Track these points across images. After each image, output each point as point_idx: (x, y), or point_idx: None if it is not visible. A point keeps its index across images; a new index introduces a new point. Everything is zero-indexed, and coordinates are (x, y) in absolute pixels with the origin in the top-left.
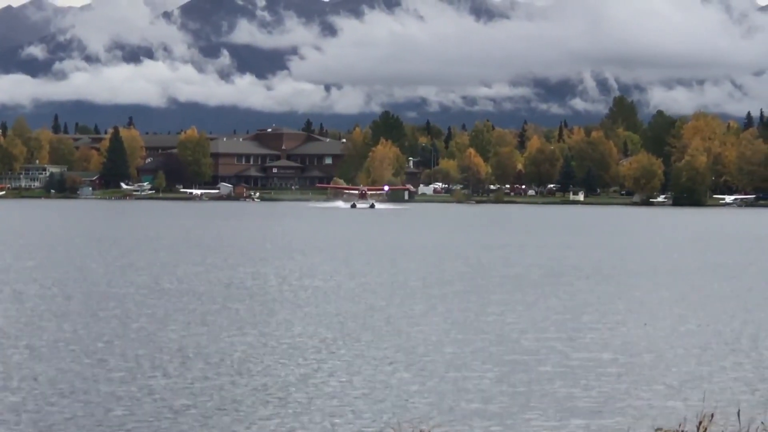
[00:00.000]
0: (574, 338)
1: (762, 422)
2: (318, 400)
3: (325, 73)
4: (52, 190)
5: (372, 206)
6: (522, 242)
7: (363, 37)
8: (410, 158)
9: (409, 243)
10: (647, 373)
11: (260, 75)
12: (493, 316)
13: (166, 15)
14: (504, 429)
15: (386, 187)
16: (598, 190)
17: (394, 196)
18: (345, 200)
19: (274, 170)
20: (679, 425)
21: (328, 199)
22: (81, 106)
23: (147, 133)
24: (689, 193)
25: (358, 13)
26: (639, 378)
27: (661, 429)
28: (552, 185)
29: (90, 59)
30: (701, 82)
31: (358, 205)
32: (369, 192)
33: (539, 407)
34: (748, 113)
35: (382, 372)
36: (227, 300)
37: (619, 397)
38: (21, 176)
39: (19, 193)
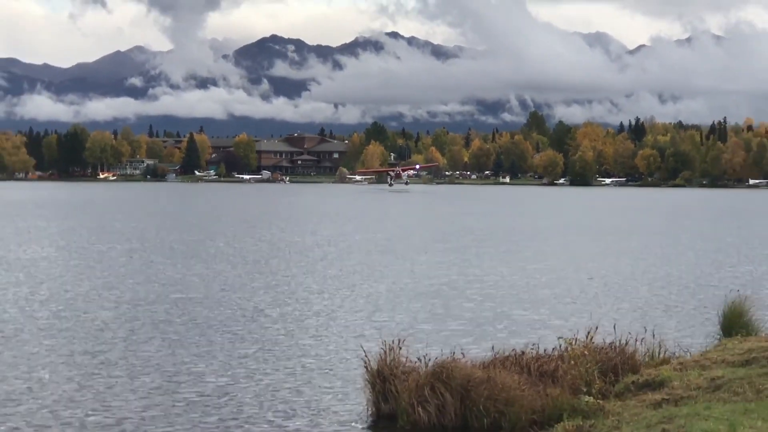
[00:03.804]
0: (518, 277)
1: (629, 332)
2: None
3: (334, 96)
4: (148, 176)
5: (406, 183)
6: (483, 212)
7: (359, 71)
8: (391, 153)
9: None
10: (558, 303)
11: (290, 97)
12: (467, 263)
13: (225, 56)
14: (443, 341)
15: (417, 166)
16: (519, 175)
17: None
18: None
19: (299, 162)
20: (574, 335)
21: (337, 181)
22: (168, 119)
23: (212, 137)
24: (581, 177)
25: (356, 54)
26: (551, 306)
27: (562, 337)
28: (488, 172)
29: (173, 87)
30: (590, 101)
31: (394, 184)
32: (402, 171)
33: (478, 327)
34: (621, 123)
35: (369, 299)
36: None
37: (536, 318)
38: (126, 167)
39: (125, 178)
